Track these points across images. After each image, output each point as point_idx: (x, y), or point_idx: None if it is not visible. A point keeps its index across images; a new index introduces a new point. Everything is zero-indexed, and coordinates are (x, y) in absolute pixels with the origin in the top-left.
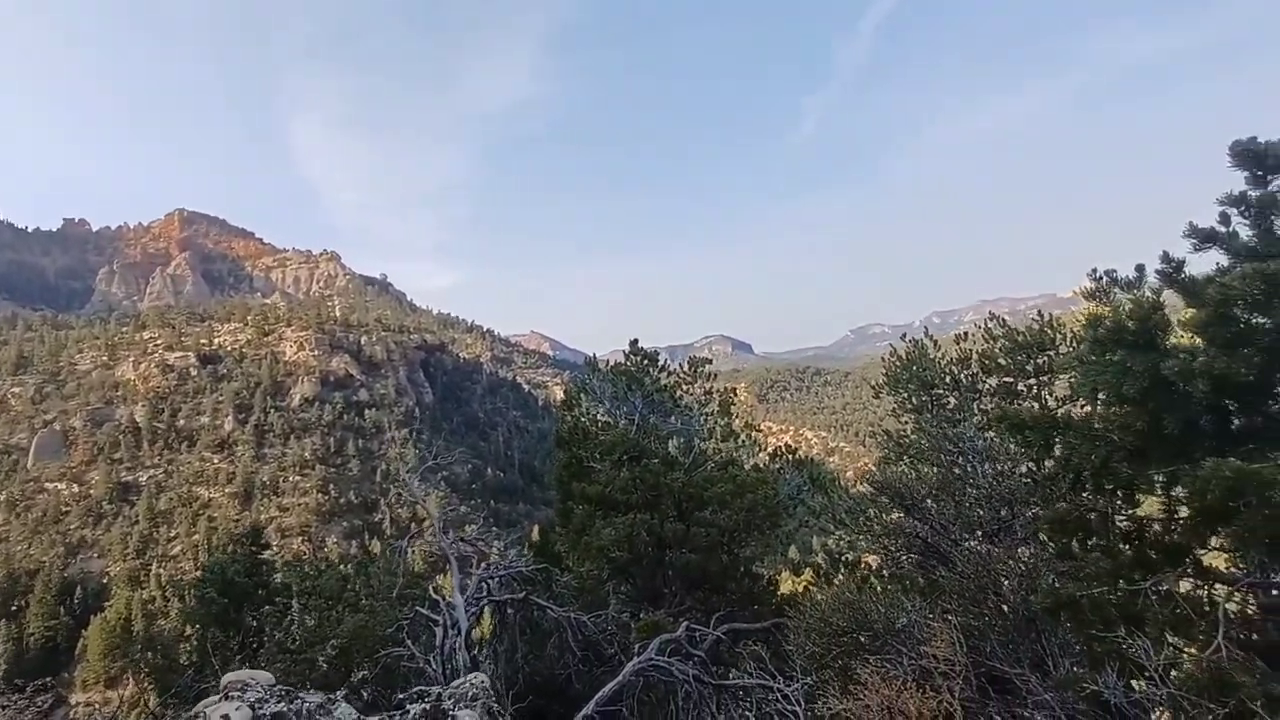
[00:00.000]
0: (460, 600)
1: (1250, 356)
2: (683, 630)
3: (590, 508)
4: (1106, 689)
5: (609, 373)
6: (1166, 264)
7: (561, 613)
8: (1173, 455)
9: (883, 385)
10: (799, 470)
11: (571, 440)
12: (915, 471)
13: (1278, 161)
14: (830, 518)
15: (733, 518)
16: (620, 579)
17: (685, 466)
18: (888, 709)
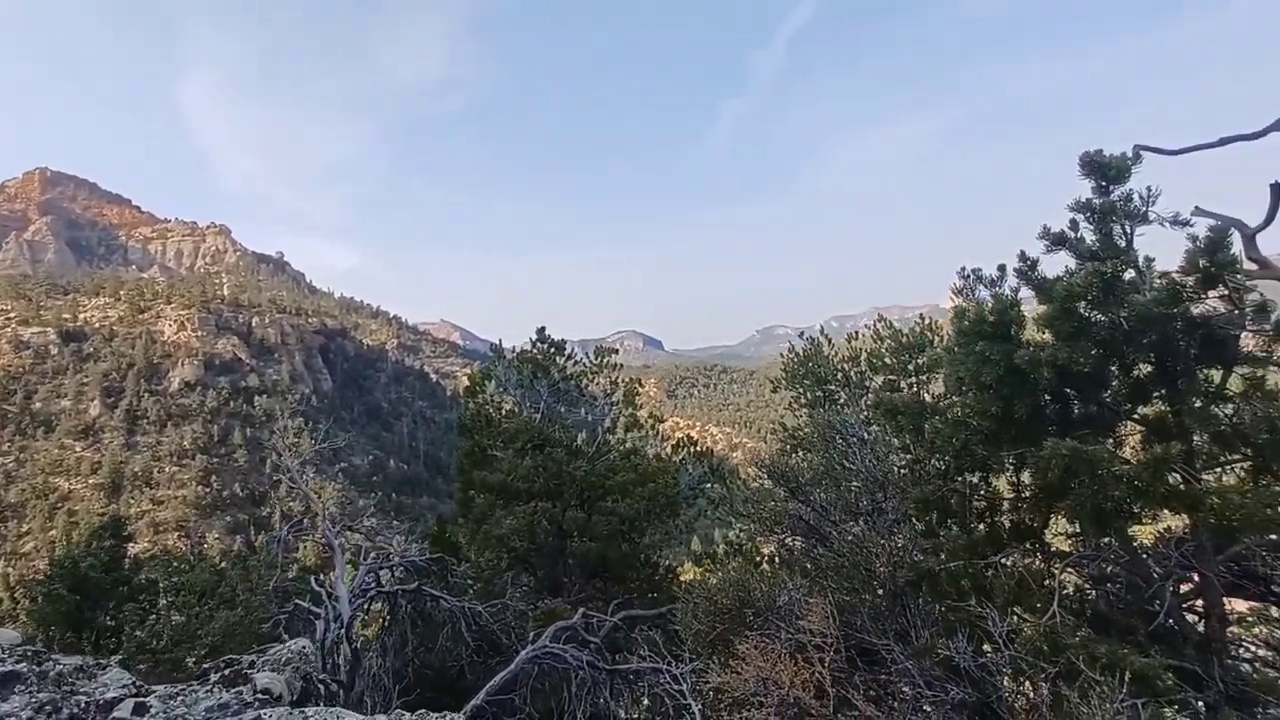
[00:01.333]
0: (344, 592)
1: (1088, 349)
2: (579, 618)
3: (491, 496)
4: (957, 654)
5: (515, 360)
6: (1023, 263)
7: (456, 603)
8: (1021, 439)
9: (781, 381)
10: (700, 461)
11: (474, 428)
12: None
13: (1118, 173)
14: (728, 508)
15: (633, 506)
16: (520, 569)
17: (589, 456)
18: (764, 680)
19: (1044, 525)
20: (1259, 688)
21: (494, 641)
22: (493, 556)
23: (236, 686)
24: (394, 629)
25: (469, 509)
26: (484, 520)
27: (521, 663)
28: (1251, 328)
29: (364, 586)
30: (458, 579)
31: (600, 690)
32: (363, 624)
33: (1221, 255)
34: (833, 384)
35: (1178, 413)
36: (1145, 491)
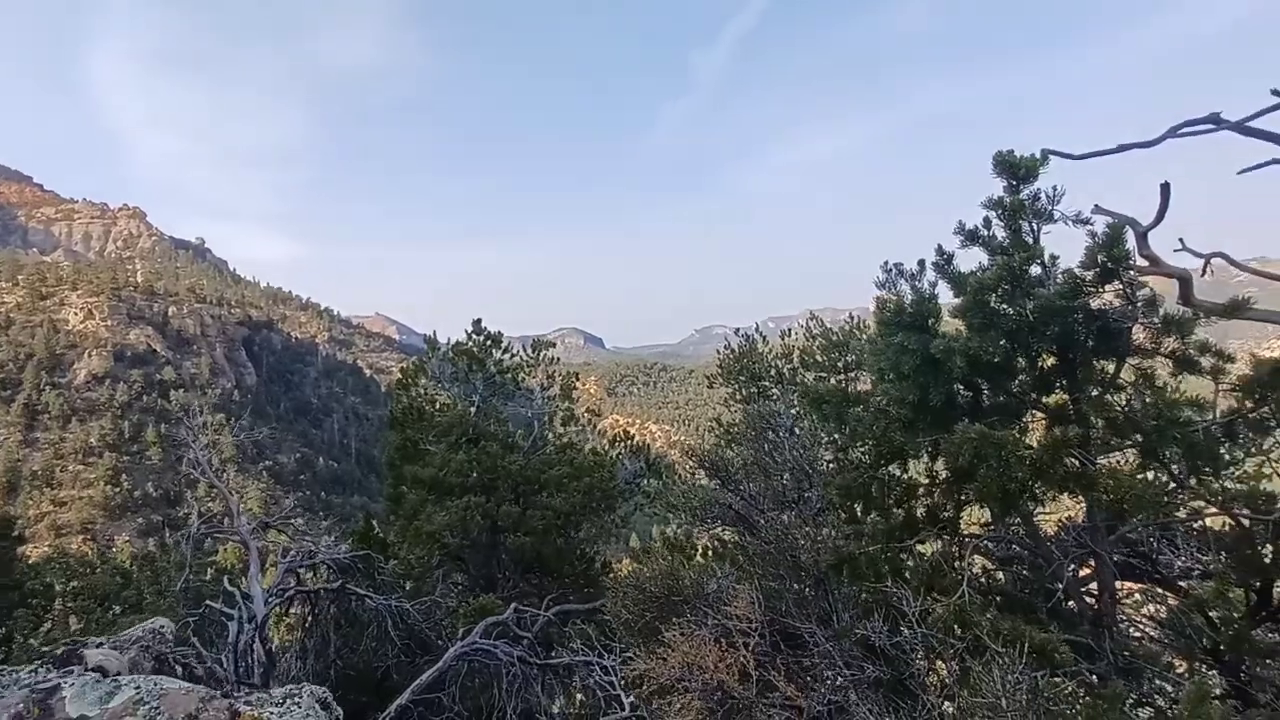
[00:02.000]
0: (259, 592)
1: (997, 339)
2: (510, 612)
3: (423, 492)
4: (873, 634)
5: (449, 352)
6: (940, 257)
7: (382, 601)
8: (936, 426)
9: (717, 377)
10: (636, 456)
11: (405, 421)
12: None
13: (1027, 172)
14: (664, 503)
15: (569, 500)
16: (452, 566)
17: (525, 450)
18: (689, 665)
19: (957, 511)
20: (1145, 659)
21: (423, 640)
22: (423, 553)
23: (69, 666)
24: (316, 630)
25: (399, 505)
26: (415, 516)
27: (450, 660)
28: (1143, 321)
29: (282, 586)
30: (386, 577)
31: (532, 686)
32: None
33: (1117, 250)
34: (766, 380)
35: (1076, 401)
36: (1045, 472)
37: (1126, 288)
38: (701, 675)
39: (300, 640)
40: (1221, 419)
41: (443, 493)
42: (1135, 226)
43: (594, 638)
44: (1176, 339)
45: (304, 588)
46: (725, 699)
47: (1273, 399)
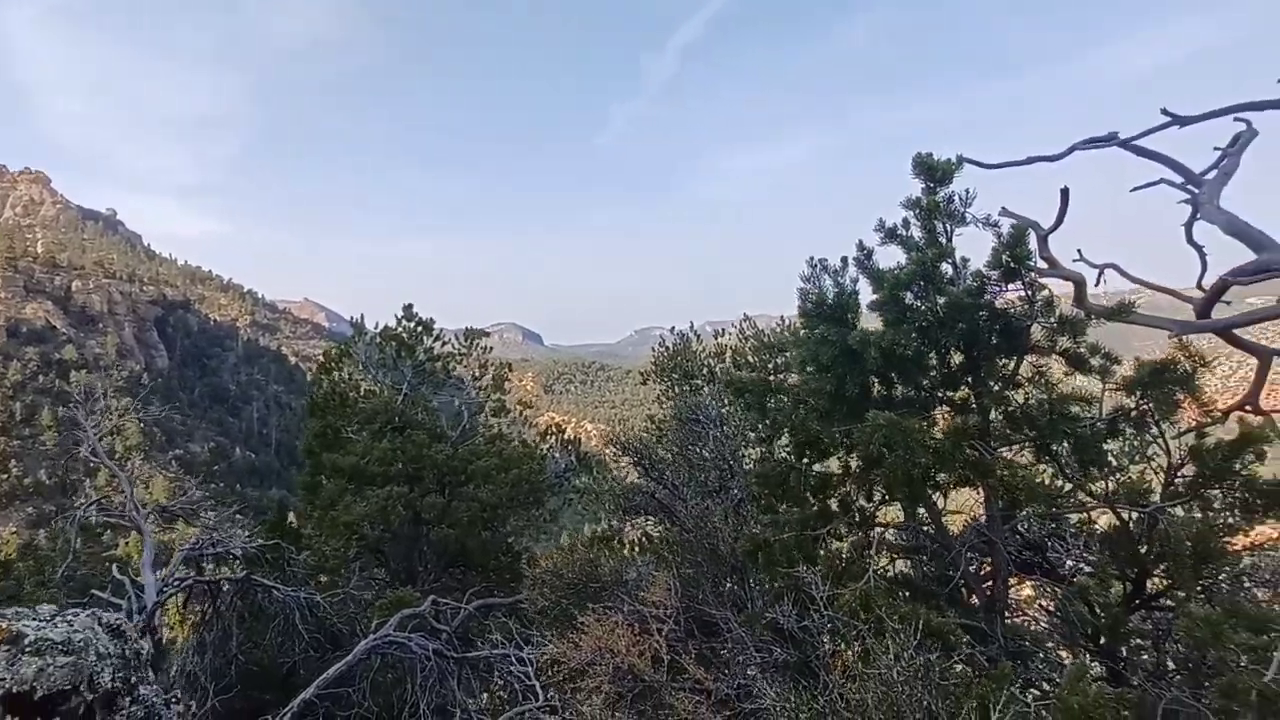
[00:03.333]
0: (152, 580)
1: (909, 333)
2: (428, 605)
3: (342, 480)
4: (781, 617)
5: (378, 337)
6: (860, 252)
7: (290, 594)
8: (851, 417)
9: (651, 374)
10: (567, 450)
11: (327, 407)
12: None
13: (944, 174)
14: (594, 497)
15: (497, 492)
16: (371, 558)
17: (453, 440)
18: (600, 649)
19: (868, 501)
20: (1032, 643)
21: (334, 634)
22: (340, 545)
23: None
24: (217, 623)
25: (315, 495)
26: (332, 506)
27: (360, 654)
28: (1040, 321)
29: (179, 576)
30: (297, 569)
31: (448, 680)
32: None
33: (1020, 250)
34: (699, 379)
35: (979, 395)
36: (947, 459)
37: (1027, 289)
38: (613, 659)
39: (199, 633)
40: (1106, 416)
41: (363, 482)
42: (1037, 230)
43: (514, 631)
44: (1070, 339)
45: (204, 578)
46: (636, 682)
47: (1152, 397)
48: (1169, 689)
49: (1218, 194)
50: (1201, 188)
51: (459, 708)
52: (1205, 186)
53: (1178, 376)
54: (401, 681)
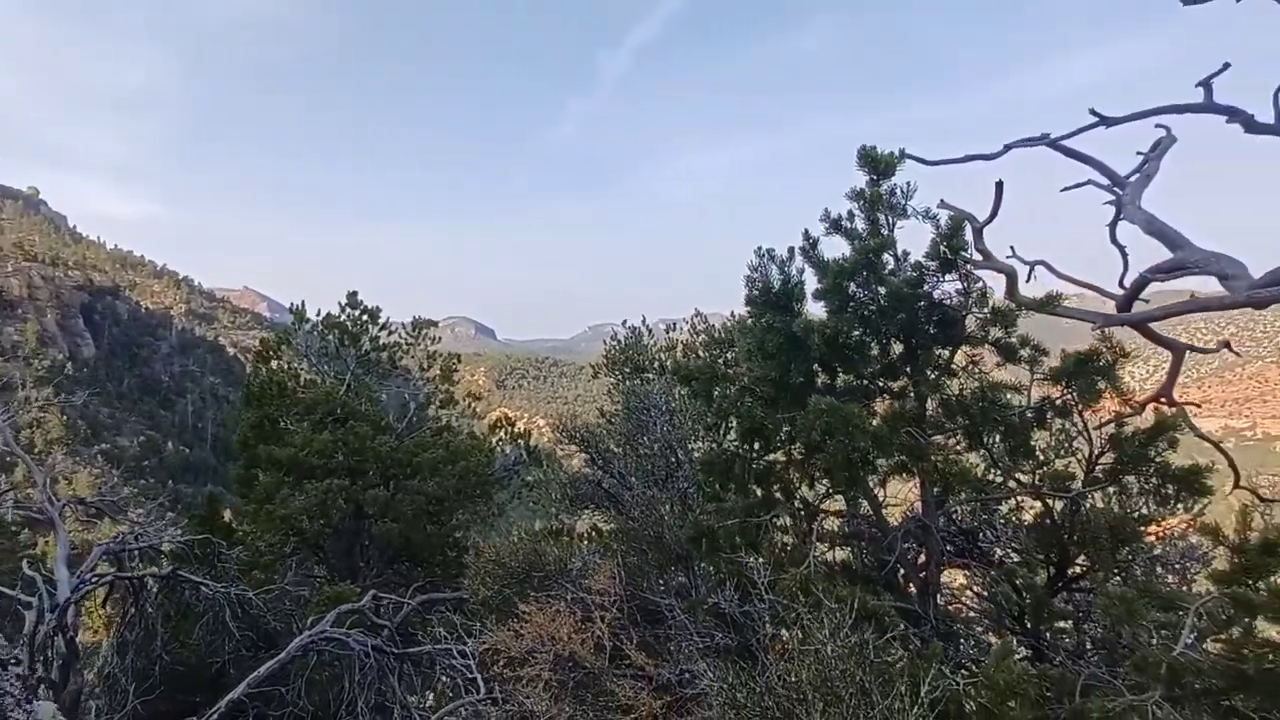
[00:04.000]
0: (66, 576)
1: (852, 320)
2: (368, 600)
3: (279, 474)
4: (723, 602)
5: (319, 324)
6: (806, 241)
7: (220, 590)
8: (795, 404)
9: (602, 367)
10: (516, 443)
11: (264, 397)
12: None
13: (887, 167)
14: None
15: (443, 485)
16: (309, 554)
17: (398, 432)
18: (541, 637)
19: (811, 488)
20: (962, 624)
21: (268, 633)
22: (276, 540)
23: None
24: (140, 621)
25: (250, 489)
26: (268, 500)
27: (294, 650)
28: (975, 312)
29: (97, 572)
30: (228, 565)
31: (388, 677)
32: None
33: (956, 241)
34: (650, 372)
35: (916, 384)
36: (885, 443)
37: (963, 280)
38: (554, 646)
39: (120, 633)
40: (1034, 406)
41: (302, 475)
42: (973, 222)
43: (459, 626)
44: (1002, 330)
45: (125, 574)
46: (577, 669)
47: (1076, 387)
48: (1087, 666)
49: (1139, 195)
50: (1125, 189)
51: (399, 704)
52: (1128, 188)
53: (1100, 367)
54: (339, 679)
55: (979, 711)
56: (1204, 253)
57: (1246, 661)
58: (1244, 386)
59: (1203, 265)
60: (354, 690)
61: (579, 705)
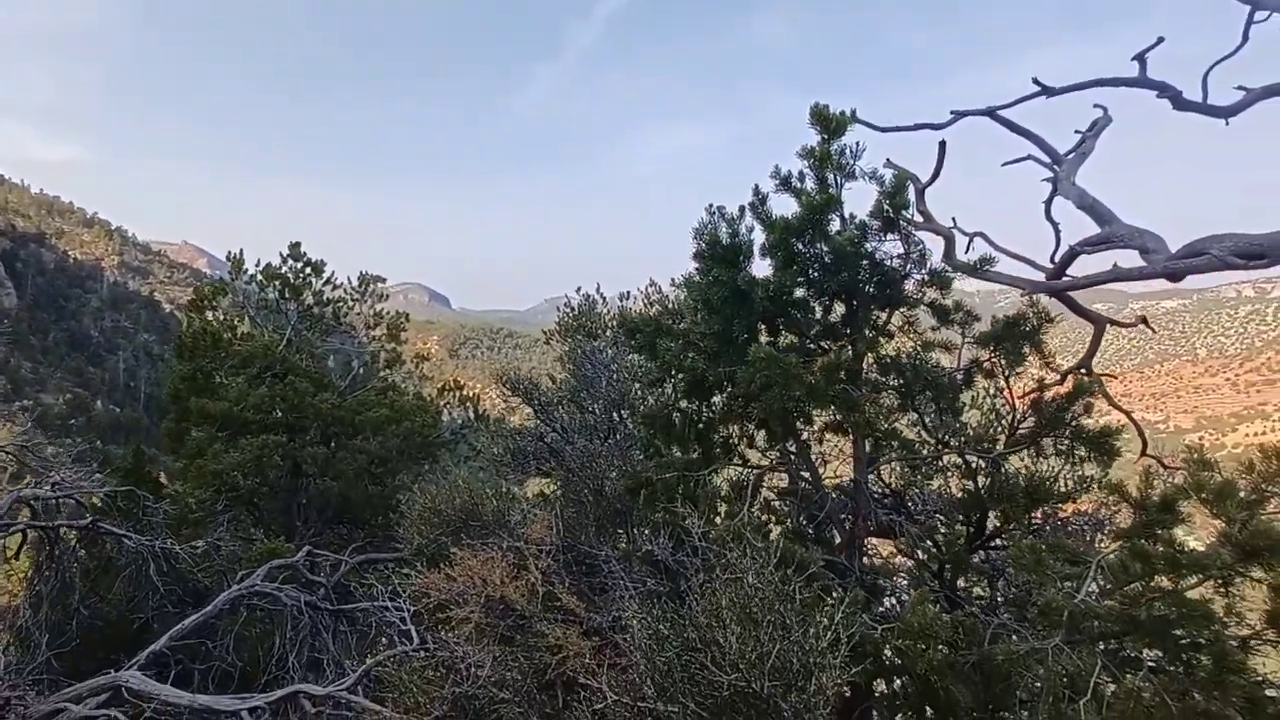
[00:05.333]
0: None
1: (796, 275)
2: (302, 556)
3: (212, 428)
4: (656, 549)
5: (259, 275)
6: (756, 197)
7: (144, 543)
8: (738, 359)
9: (554, 333)
10: (465, 407)
11: (196, 348)
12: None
13: (838, 126)
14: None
15: (386, 444)
16: (243, 511)
17: (341, 390)
18: (472, 579)
19: (749, 445)
20: (883, 575)
21: (196, 589)
22: (207, 496)
23: None
24: (55, 574)
25: (181, 443)
26: (199, 454)
27: (222, 604)
28: (914, 273)
29: (6, 521)
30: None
31: (322, 633)
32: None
33: (899, 199)
34: (602, 340)
35: (854, 341)
36: (820, 393)
37: (904, 241)
38: (485, 590)
39: (33, 586)
40: (963, 368)
41: (237, 430)
42: (916, 183)
43: (397, 584)
44: (938, 291)
45: (39, 523)
46: (508, 612)
47: (1003, 350)
48: (998, 618)
49: (1074, 172)
50: (1062, 166)
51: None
52: (1065, 164)
53: (1025, 332)
54: (270, 635)
55: (895, 654)
56: (1129, 228)
57: (1139, 608)
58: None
59: (1127, 239)
60: (285, 646)
61: (508, 647)
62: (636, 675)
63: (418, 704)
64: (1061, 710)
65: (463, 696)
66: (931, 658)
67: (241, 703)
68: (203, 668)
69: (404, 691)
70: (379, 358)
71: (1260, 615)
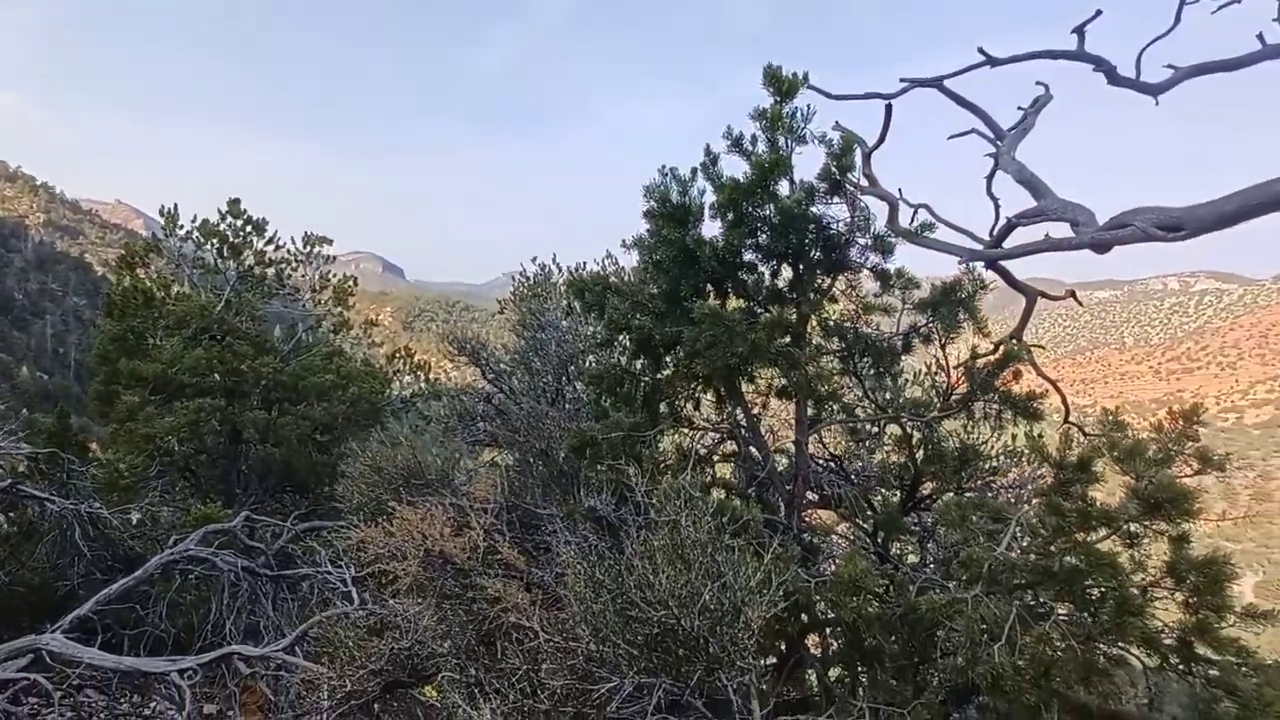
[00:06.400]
0: None
1: (744, 236)
2: (240, 521)
3: (144, 391)
4: (598, 505)
5: (196, 231)
6: (707, 156)
7: (69, 506)
8: (685, 320)
9: (508, 302)
10: (417, 375)
11: (127, 308)
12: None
13: (790, 88)
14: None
15: (331, 410)
16: (178, 477)
17: (283, 353)
18: (411, 533)
19: (695, 408)
20: (818, 533)
21: (128, 555)
22: (139, 461)
23: None
24: None
25: (111, 406)
26: (131, 418)
27: (153, 568)
28: (858, 238)
29: None
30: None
31: (262, 600)
32: None
33: (845, 160)
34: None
35: (798, 304)
36: (762, 350)
37: (849, 205)
38: (424, 544)
39: None
40: (901, 333)
41: (171, 393)
42: (862, 146)
43: (340, 551)
44: (880, 256)
45: None
46: (447, 566)
47: (939, 316)
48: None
49: (1015, 147)
50: (1004, 141)
51: (273, 628)
52: (1006, 139)
53: (961, 299)
54: (206, 601)
55: (828, 606)
56: (1061, 201)
57: (1052, 560)
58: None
59: (1058, 213)
60: (223, 613)
61: (447, 601)
62: (571, 619)
63: (353, 658)
64: (978, 655)
65: (401, 651)
66: (861, 608)
67: (171, 664)
68: (133, 633)
69: (339, 646)
70: (325, 323)
71: (1160, 566)
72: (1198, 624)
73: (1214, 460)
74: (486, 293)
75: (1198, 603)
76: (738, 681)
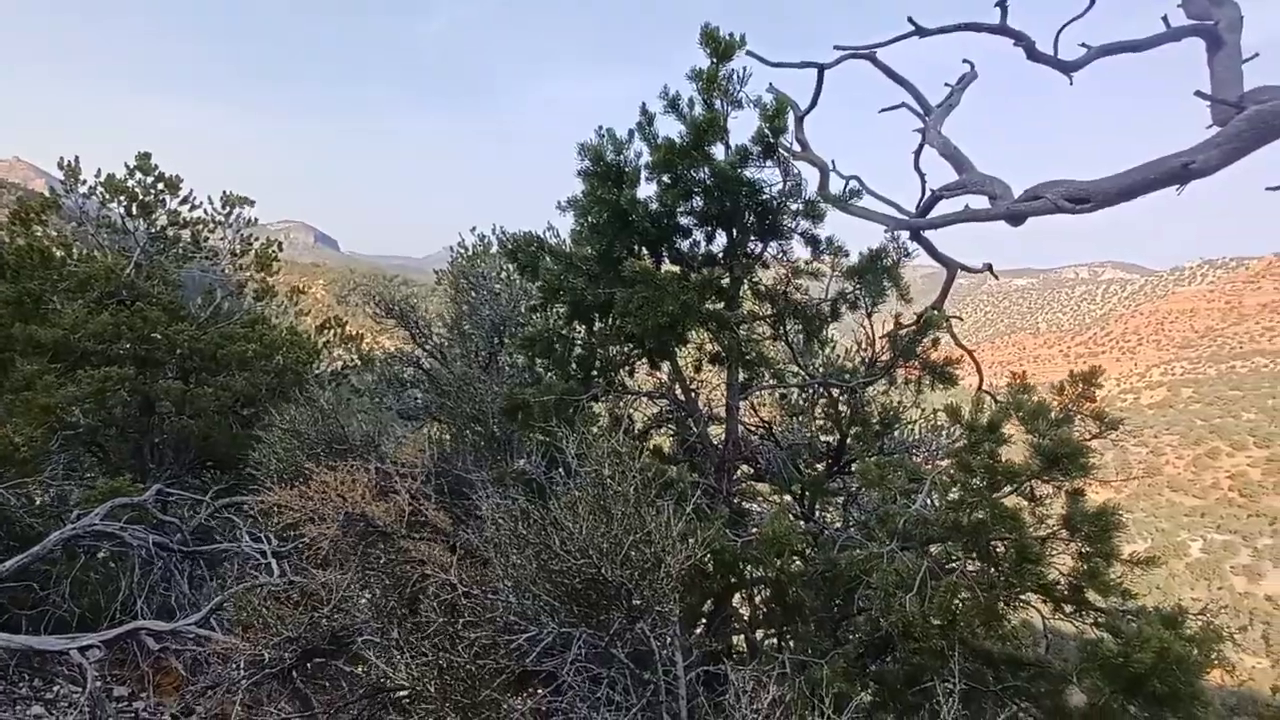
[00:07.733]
0: None
1: (679, 198)
2: (151, 495)
3: (43, 359)
4: (529, 468)
5: (100, 187)
6: (643, 116)
7: None
8: (618, 281)
9: (445, 274)
10: (349, 346)
11: (21, 268)
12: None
13: (727, 49)
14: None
15: (254, 381)
16: (83, 451)
17: (200, 321)
18: (331, 496)
19: (630, 376)
20: (746, 496)
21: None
22: (37, 433)
23: None
24: None
25: (5, 375)
26: (28, 387)
27: (53, 545)
28: (790, 202)
29: None
30: None
31: (177, 578)
32: None
33: (779, 122)
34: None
35: (731, 269)
36: (693, 310)
37: (781, 169)
38: (345, 507)
39: None
40: (830, 299)
41: (74, 361)
42: (795, 110)
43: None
44: (811, 222)
45: None
46: (369, 529)
47: (865, 284)
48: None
49: (941, 122)
50: (930, 115)
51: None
52: (933, 114)
53: (886, 266)
54: (114, 579)
55: (752, 562)
56: (981, 175)
57: (959, 512)
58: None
59: (978, 186)
60: (134, 591)
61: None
62: (494, 575)
63: (268, 625)
64: (891, 605)
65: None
66: (785, 565)
67: (70, 642)
68: (32, 614)
69: (253, 614)
70: (247, 289)
71: (1059, 519)
72: (1089, 570)
73: (1108, 420)
74: (426, 266)
75: (1090, 551)
76: (659, 632)
